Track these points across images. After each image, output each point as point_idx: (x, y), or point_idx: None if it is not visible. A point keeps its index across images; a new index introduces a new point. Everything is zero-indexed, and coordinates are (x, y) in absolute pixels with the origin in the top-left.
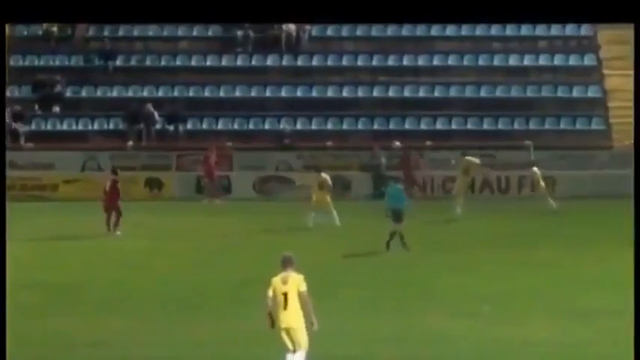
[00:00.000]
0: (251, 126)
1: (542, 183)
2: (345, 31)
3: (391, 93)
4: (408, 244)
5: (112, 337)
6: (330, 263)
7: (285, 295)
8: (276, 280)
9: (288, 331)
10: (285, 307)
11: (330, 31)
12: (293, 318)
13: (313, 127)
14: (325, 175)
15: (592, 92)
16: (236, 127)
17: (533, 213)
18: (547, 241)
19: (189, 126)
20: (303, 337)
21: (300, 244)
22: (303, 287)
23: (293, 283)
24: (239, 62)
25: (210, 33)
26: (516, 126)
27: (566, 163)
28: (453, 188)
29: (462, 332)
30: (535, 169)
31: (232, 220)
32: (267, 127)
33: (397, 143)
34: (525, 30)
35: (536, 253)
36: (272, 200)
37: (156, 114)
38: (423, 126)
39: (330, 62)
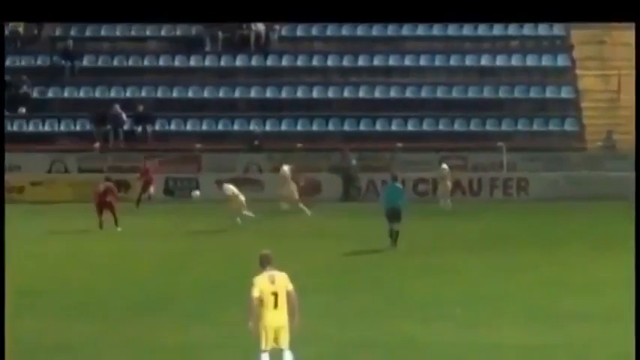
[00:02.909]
0: (220, 127)
1: (448, 182)
2: (315, 30)
3: (362, 94)
4: (397, 244)
5: (76, 342)
6: (299, 266)
7: (275, 294)
8: (263, 280)
9: (277, 330)
10: (276, 306)
11: (299, 31)
12: (283, 317)
13: (283, 128)
14: (286, 168)
15: (565, 93)
16: (204, 128)
17: (506, 215)
18: (520, 243)
19: (157, 127)
20: (287, 336)
21: (269, 247)
22: (291, 286)
23: (281, 282)
24: (207, 62)
25: (178, 33)
26: (489, 127)
27: (539, 164)
28: (425, 190)
29: (434, 336)
30: (445, 166)
31: (200, 221)
32: (236, 128)
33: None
34: (497, 30)
35: (509, 255)
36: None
37: (123, 115)
38: (394, 127)
39: (299, 62)
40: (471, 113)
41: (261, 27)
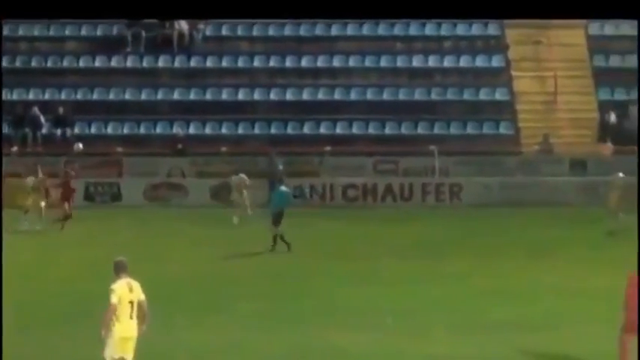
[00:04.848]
0: (142, 130)
1: (245, 192)
2: (241, 30)
3: (289, 96)
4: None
5: None
6: (223, 273)
7: (132, 303)
8: (122, 288)
9: (128, 340)
10: (132, 315)
11: (224, 30)
12: (135, 327)
13: (207, 131)
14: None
15: (500, 95)
16: (126, 131)
17: (438, 221)
18: (452, 251)
19: (77, 130)
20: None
21: (193, 253)
22: (143, 295)
23: (137, 291)
24: (129, 63)
25: (98, 33)
26: (420, 130)
27: (472, 169)
28: (355, 196)
29: (364, 346)
30: (243, 175)
31: (121, 227)
32: (158, 131)
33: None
34: (430, 30)
35: (440, 263)
36: (163, 207)
37: (42, 118)
38: (322, 130)
39: (224, 63)
40: (402, 116)
41: (184, 26)
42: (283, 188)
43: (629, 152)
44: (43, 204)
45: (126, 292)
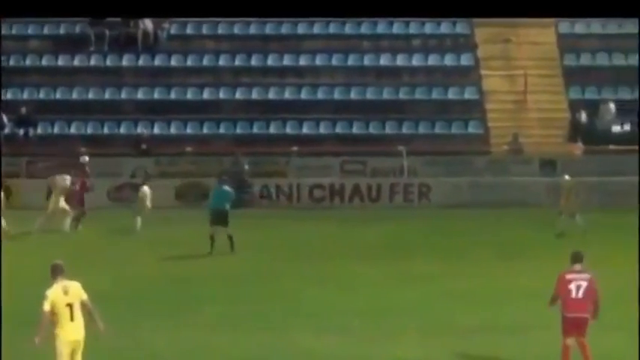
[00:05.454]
0: (105, 130)
1: (148, 203)
2: (206, 29)
3: (254, 95)
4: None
5: None
6: (189, 276)
7: (70, 305)
8: (56, 292)
9: (75, 344)
10: (72, 318)
11: (189, 29)
12: (80, 330)
13: (172, 131)
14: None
15: (469, 94)
16: (89, 131)
17: (407, 222)
18: (421, 252)
19: (39, 130)
20: (81, 350)
21: (157, 255)
22: (85, 295)
23: (75, 293)
24: (92, 62)
25: (61, 31)
26: (388, 130)
27: (441, 169)
28: (321, 196)
29: (331, 349)
30: (145, 188)
31: (85, 229)
32: (122, 131)
33: None
34: (397, 28)
35: (409, 265)
36: (127, 208)
37: (4, 117)
38: (288, 130)
39: (189, 62)
40: (370, 116)
41: (149, 25)
42: (226, 187)
43: (599, 152)
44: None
45: (60, 295)
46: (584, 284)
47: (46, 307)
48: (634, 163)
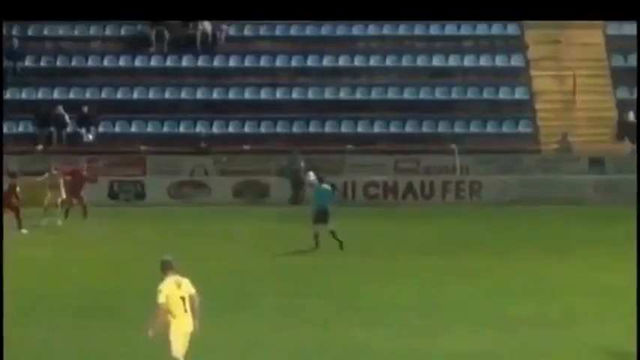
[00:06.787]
0: (165, 129)
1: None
2: (263, 30)
3: (311, 95)
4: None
5: (21, 349)
6: (247, 271)
7: (183, 298)
8: (169, 286)
9: (188, 335)
10: (185, 310)
11: (247, 30)
12: (192, 322)
13: (230, 130)
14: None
15: (519, 94)
16: (150, 130)
17: (458, 219)
18: (473, 248)
19: (101, 129)
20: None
21: (216, 251)
22: (194, 290)
23: (187, 287)
24: (153, 63)
25: (122, 32)
26: (441, 129)
27: (492, 167)
28: (376, 193)
29: (386, 343)
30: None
31: (146, 226)
32: (182, 130)
33: None
34: (450, 29)
35: (461, 260)
36: (187, 206)
37: (67, 117)
38: (343, 129)
39: (247, 63)
40: (423, 115)
41: (208, 27)
42: (325, 186)
43: None
44: (59, 200)
45: (174, 289)
46: None
47: (161, 299)
48: None
